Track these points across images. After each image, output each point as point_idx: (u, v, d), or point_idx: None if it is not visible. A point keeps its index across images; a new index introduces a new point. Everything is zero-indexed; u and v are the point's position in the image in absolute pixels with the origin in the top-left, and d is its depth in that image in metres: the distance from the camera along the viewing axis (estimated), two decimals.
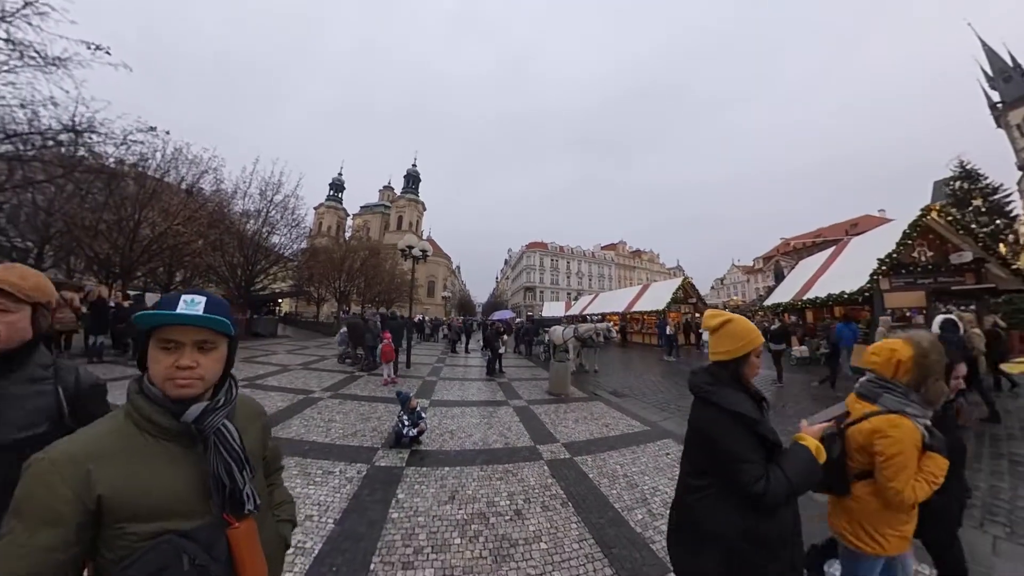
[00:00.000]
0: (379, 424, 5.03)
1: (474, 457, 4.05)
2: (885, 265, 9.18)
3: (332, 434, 4.58)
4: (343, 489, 3.28)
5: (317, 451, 4.04)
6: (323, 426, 4.86)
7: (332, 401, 6.15)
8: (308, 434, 4.54)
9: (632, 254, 75.53)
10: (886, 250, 9.36)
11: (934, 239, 9.90)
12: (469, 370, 10.72)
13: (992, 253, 9.46)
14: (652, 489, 3.45)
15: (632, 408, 6.60)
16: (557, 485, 3.44)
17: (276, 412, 5.33)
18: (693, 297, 21.18)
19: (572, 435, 4.94)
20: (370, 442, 4.38)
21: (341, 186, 66.79)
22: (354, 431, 4.73)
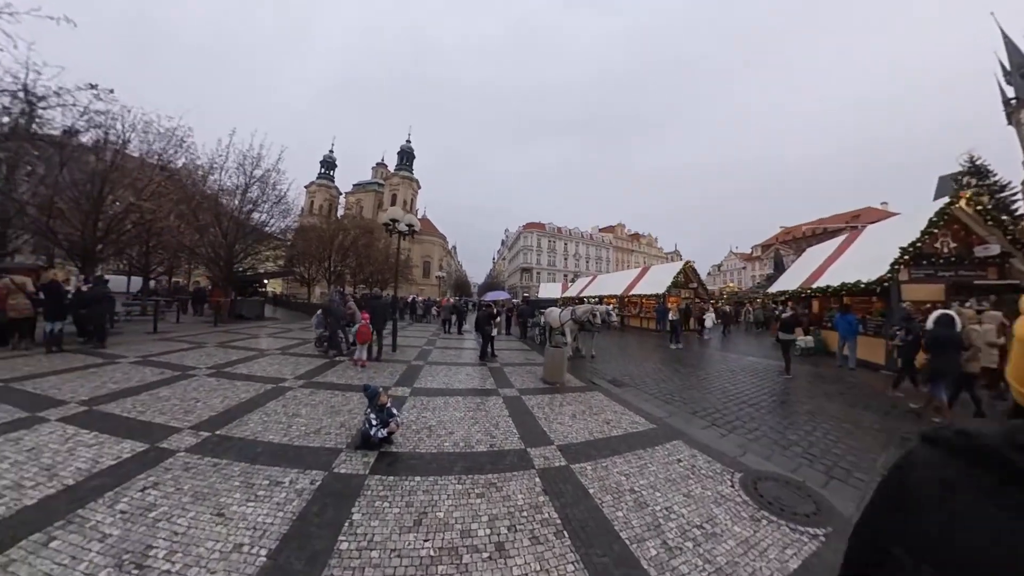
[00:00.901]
0: (349, 419, 4.40)
1: (452, 464, 3.42)
2: (908, 254, 8.54)
3: (292, 432, 3.94)
4: (288, 506, 2.65)
5: (269, 455, 3.41)
6: (284, 422, 4.22)
7: (302, 391, 5.49)
8: (265, 433, 3.89)
9: (631, 237, 74.46)
10: (907, 239, 8.72)
11: (959, 229, 9.26)
12: (460, 354, 10.08)
13: (1021, 248, 8.77)
14: (665, 511, 2.81)
15: (634, 401, 6.01)
16: (550, 505, 2.80)
17: (235, 406, 4.66)
18: (694, 282, 20.56)
19: (568, 435, 4.30)
20: (333, 442, 3.76)
21: (333, 164, 64.54)
22: (318, 428, 4.09)
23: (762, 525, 2.65)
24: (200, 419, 4.14)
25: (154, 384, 5.32)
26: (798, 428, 4.88)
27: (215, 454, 3.37)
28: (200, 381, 5.62)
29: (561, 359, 7.12)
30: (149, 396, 4.79)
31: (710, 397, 6.37)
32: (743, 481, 3.27)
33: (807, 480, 3.39)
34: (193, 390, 5.15)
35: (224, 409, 4.49)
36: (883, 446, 4.12)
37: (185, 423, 4.01)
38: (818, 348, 11.08)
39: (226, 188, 14.36)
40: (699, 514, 2.75)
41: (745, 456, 3.85)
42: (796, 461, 3.85)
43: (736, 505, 2.89)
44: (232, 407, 4.58)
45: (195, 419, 4.13)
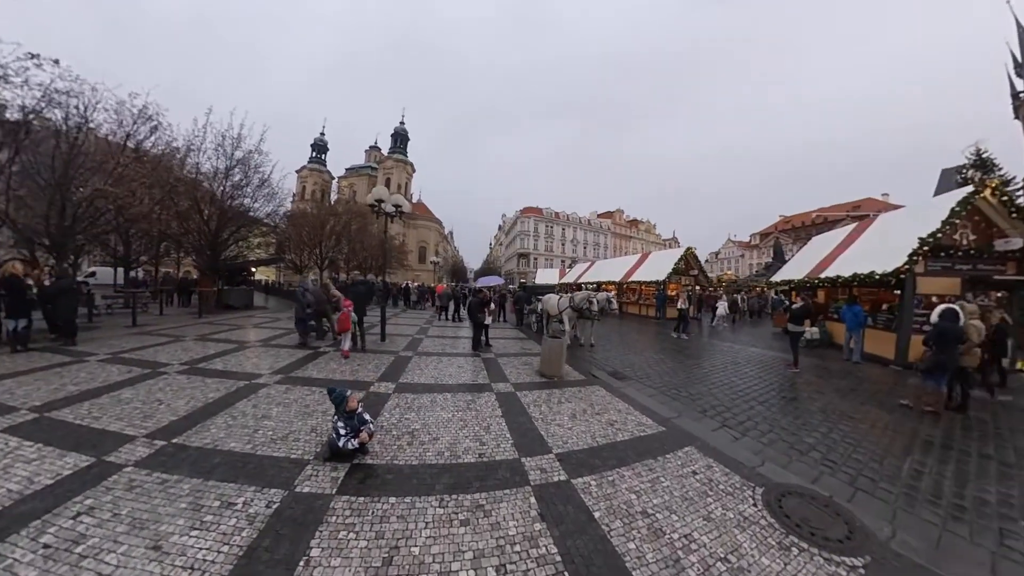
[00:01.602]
0: (322, 421, 3.99)
1: (435, 479, 3.02)
2: (927, 245, 8.07)
3: (257, 439, 3.54)
4: (238, 536, 2.26)
5: (226, 468, 3.01)
6: (251, 426, 3.81)
7: (277, 388, 5.08)
8: (226, 440, 3.49)
9: (629, 223, 73.54)
10: (925, 229, 8.24)
11: (980, 221, 8.83)
12: (453, 343, 9.68)
13: None
14: (684, 540, 2.42)
15: (638, 397, 5.65)
16: (549, 534, 2.40)
17: (201, 408, 4.24)
18: (695, 269, 20.09)
19: (568, 440, 3.89)
20: (301, 450, 3.35)
21: (324, 147, 62.61)
22: (286, 433, 3.68)
23: (793, 556, 2.32)
24: (158, 425, 3.73)
25: (118, 385, 4.88)
26: (813, 430, 4.53)
27: (166, 468, 2.97)
28: (169, 380, 5.19)
29: (559, 351, 6.72)
30: (109, 399, 4.35)
31: (718, 393, 6.02)
32: (766, 498, 2.93)
33: (833, 494, 3.06)
34: (159, 390, 4.73)
35: (188, 412, 4.07)
36: (905, 450, 3.93)
37: (141, 430, 3.59)
38: (823, 340, 10.79)
39: (205, 171, 13.58)
40: (722, 543, 2.39)
41: (764, 466, 3.50)
42: (817, 469, 3.53)
43: (762, 530, 2.54)
44: (197, 409, 4.17)
45: (153, 425, 3.72)
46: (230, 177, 13.79)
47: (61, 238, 9.04)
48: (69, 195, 8.96)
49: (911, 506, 2.97)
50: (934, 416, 5.02)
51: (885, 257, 8.72)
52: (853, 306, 8.89)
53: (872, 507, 2.93)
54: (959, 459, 3.83)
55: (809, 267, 12.02)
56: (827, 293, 12.14)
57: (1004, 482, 3.41)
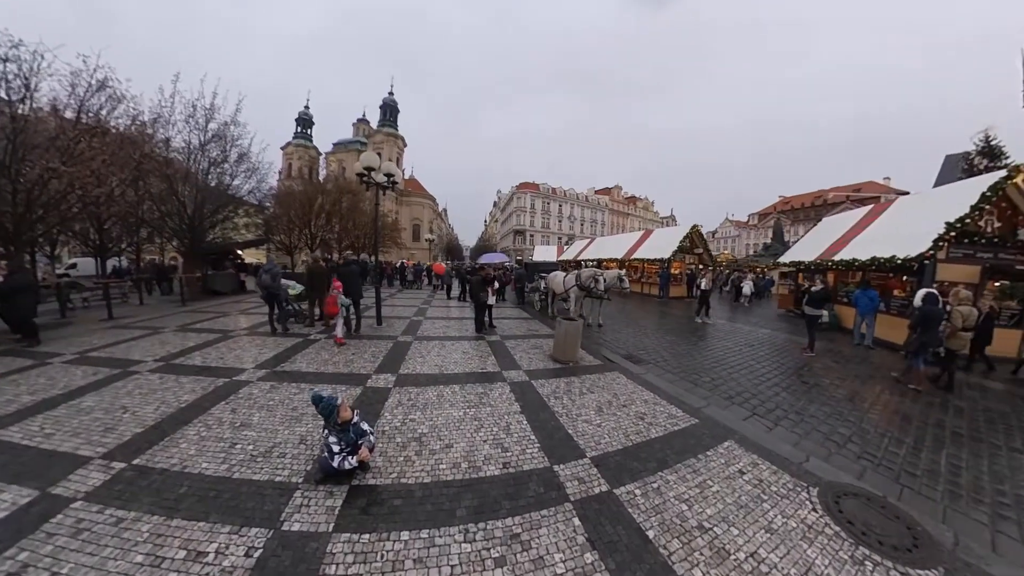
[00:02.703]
0: (313, 427, 3.42)
1: (454, 501, 2.51)
2: (954, 231, 7.70)
3: (235, 455, 2.96)
4: None
5: (196, 499, 2.45)
6: (228, 438, 3.23)
7: (261, 387, 4.47)
8: (198, 458, 2.91)
9: (627, 200, 71.80)
10: (949, 214, 7.84)
11: (1006, 208, 8.42)
12: (455, 325, 9.11)
13: None
14: (753, 559, 2.09)
15: (661, 384, 5.26)
16: (604, 568, 1.97)
17: (172, 415, 3.64)
18: (700, 247, 19.45)
19: (600, 439, 3.48)
20: (288, 469, 2.79)
21: (309, 121, 59.07)
22: (270, 447, 3.11)
23: (868, 571, 2.08)
24: (120, 440, 3.15)
25: (80, 391, 4.22)
26: (843, 419, 4.35)
27: (123, 500, 2.42)
28: (139, 381, 4.56)
29: (576, 334, 6.19)
30: (67, 410, 3.73)
31: (739, 378, 5.75)
32: (823, 500, 2.69)
33: (885, 494, 2.86)
34: (126, 395, 4.11)
35: (156, 421, 3.48)
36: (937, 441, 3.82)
37: (99, 449, 3.01)
38: (832, 323, 10.50)
39: (177, 147, 12.31)
40: (792, 560, 2.12)
41: (809, 462, 3.26)
42: (859, 464, 3.36)
43: (829, 540, 2.30)
44: (167, 417, 3.58)
45: (114, 441, 3.14)
46: (206, 153, 12.56)
47: (15, 227, 8.07)
48: (18, 177, 7.90)
49: (956, 503, 2.87)
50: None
51: (905, 241, 8.43)
52: (868, 290, 8.68)
53: (922, 506, 2.77)
54: (991, 453, 3.68)
55: (820, 249, 11.60)
56: (835, 276, 11.75)
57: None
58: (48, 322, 7.94)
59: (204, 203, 12.96)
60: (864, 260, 9.32)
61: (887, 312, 8.95)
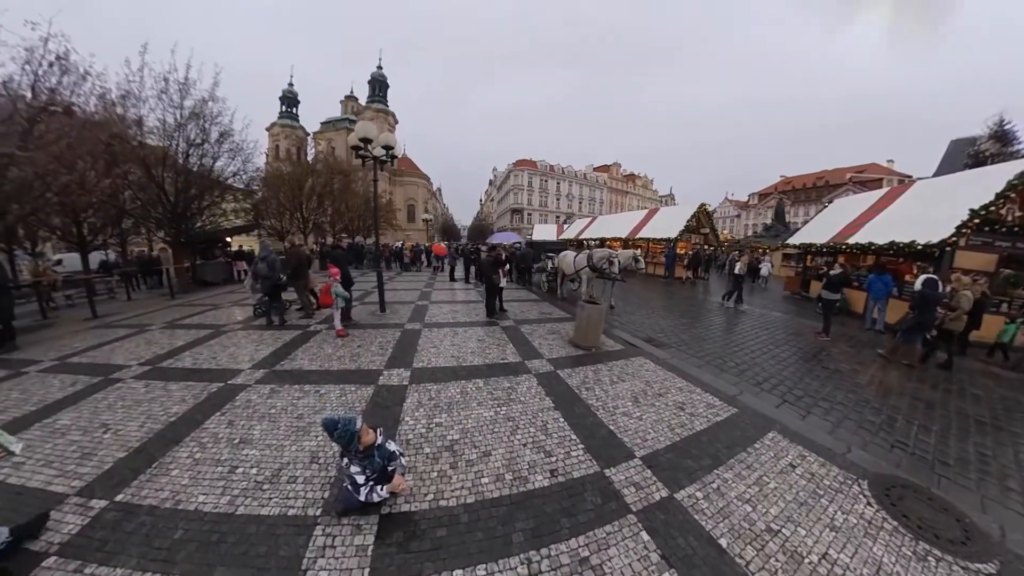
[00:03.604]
0: (325, 441, 2.93)
1: (506, 524, 2.12)
2: (978, 218, 7.39)
3: (236, 483, 2.49)
4: None
5: (194, 546, 1.99)
6: (227, 459, 2.75)
7: (260, 391, 3.94)
8: (192, 489, 2.42)
9: (626, 178, 69.80)
10: (975, 200, 7.50)
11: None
12: (463, 309, 8.61)
13: None
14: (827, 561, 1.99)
15: (689, 369, 4.97)
16: None
17: (159, 432, 3.13)
18: (706, 227, 18.83)
19: (645, 434, 3.21)
20: (302, 499, 2.32)
21: (295, 99, 55.67)
22: (277, 469, 2.63)
23: (931, 566, 2.03)
24: (100, 470, 2.66)
25: (57, 405, 3.69)
26: (869, 405, 4.22)
27: (104, 553, 1.96)
28: (123, 390, 4.03)
29: (599, 319, 5.76)
30: (41, 431, 3.20)
31: (762, 363, 5.60)
32: (874, 493, 2.62)
33: (929, 485, 2.80)
34: (107, 409, 3.60)
35: (141, 443, 2.98)
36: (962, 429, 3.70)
37: (75, 482, 2.51)
38: (842, 307, 10.21)
39: (151, 127, 11.22)
40: (862, 559, 2.04)
41: (851, 452, 3.15)
42: (895, 454, 3.27)
43: (891, 536, 2.24)
44: (154, 436, 3.07)
45: (91, 471, 2.64)
46: (183, 132, 11.48)
47: None
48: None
49: (986, 490, 2.83)
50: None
51: (925, 227, 8.11)
52: (883, 275, 8.39)
53: (962, 496, 2.72)
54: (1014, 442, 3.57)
55: (833, 231, 11.14)
56: (847, 260, 11.39)
57: None
58: (28, 325, 7.35)
59: (187, 188, 12.02)
60: (882, 244, 9.02)
61: (899, 297, 8.68)
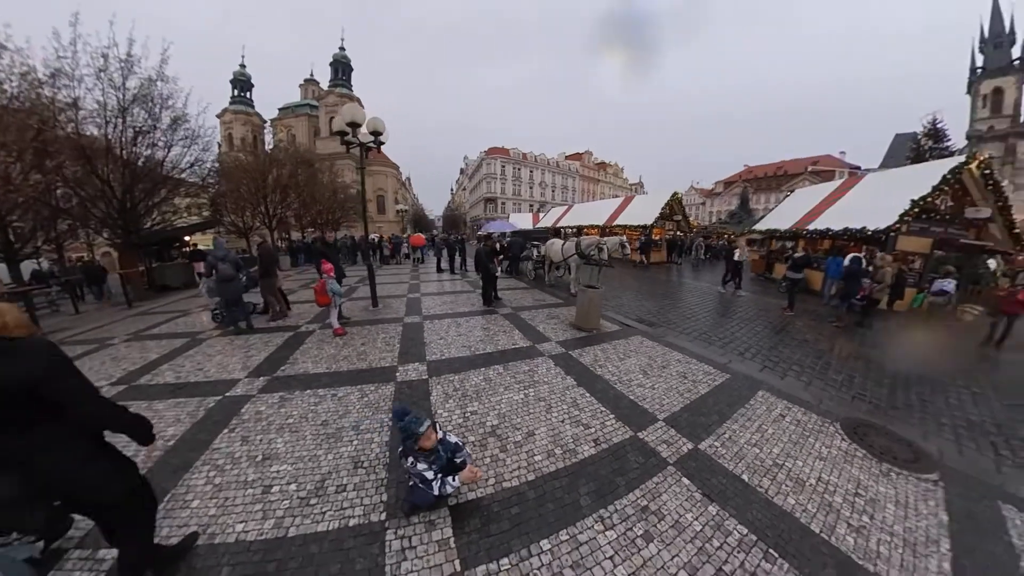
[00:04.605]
0: (362, 445, 2.79)
1: (569, 492, 2.28)
2: (917, 207, 8.41)
3: (276, 504, 2.20)
4: None
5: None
6: (255, 480, 2.41)
7: (268, 400, 3.56)
8: (224, 519, 2.08)
9: (597, 166, 70.72)
10: (915, 192, 8.55)
11: (959, 189, 9.28)
12: (457, 300, 8.55)
13: (1004, 213, 9.22)
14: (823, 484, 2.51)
15: (683, 344, 5.42)
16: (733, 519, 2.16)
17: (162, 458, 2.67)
18: (679, 214, 19.69)
19: (661, 400, 3.57)
20: (360, 507, 2.17)
21: (248, 82, 50.48)
22: (319, 480, 2.40)
23: (895, 480, 2.63)
24: None
25: None
26: (833, 367, 4.85)
27: None
28: None
29: (599, 303, 5.99)
30: None
31: (742, 336, 6.10)
32: (847, 432, 3.19)
33: (885, 423, 3.41)
34: None
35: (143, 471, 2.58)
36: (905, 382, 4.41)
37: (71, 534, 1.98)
38: (801, 286, 11.26)
39: (89, 111, 9.84)
40: (846, 479, 2.60)
41: (823, 404, 3.72)
42: (857, 403, 3.88)
43: (862, 461, 2.83)
44: (155, 465, 2.56)
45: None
46: (128, 118, 10.22)
47: None
48: None
49: (926, 425, 3.48)
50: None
51: (873, 215, 9.10)
52: (837, 258, 9.40)
53: (909, 430, 3.31)
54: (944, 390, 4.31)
55: (794, 218, 12.13)
56: (806, 244, 12.51)
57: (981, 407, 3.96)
58: None
59: (136, 182, 10.80)
60: (837, 230, 10.03)
61: None
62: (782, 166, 57.36)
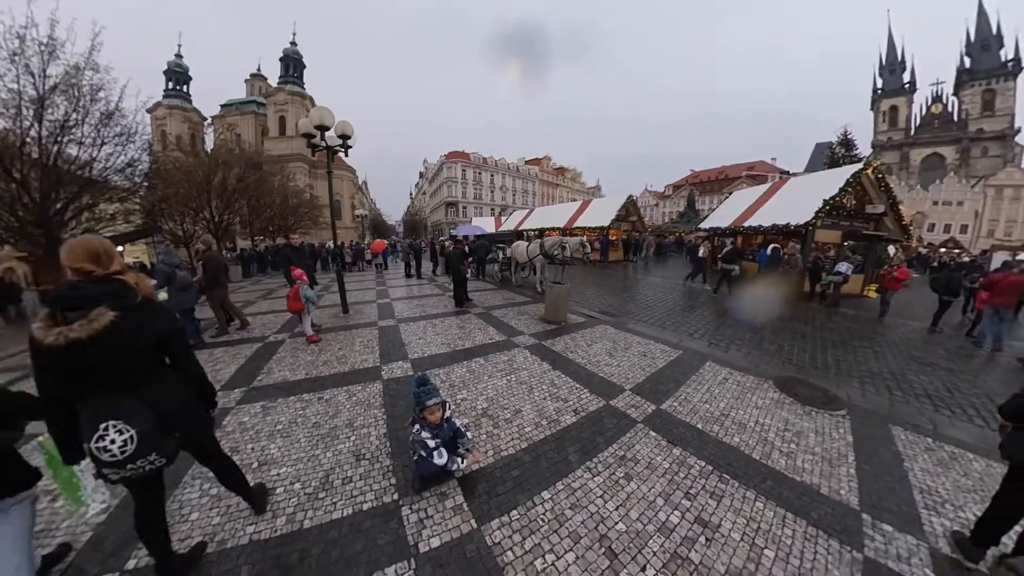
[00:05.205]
0: (361, 439, 2.86)
1: (560, 452, 2.66)
2: (828, 205, 9.96)
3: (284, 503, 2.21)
4: None
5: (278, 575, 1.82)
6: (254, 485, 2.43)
7: (250, 411, 3.39)
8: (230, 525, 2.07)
9: (556, 170, 72.96)
10: (826, 193, 10.11)
11: (859, 190, 11.09)
12: (428, 303, 8.61)
13: (895, 209, 11.23)
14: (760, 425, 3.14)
15: (642, 329, 6.09)
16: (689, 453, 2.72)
17: None
18: (634, 215, 21.13)
19: (627, 375, 4.09)
20: (371, 492, 2.26)
21: (184, 74, 44.90)
22: (323, 476, 2.43)
23: (814, 416, 3.35)
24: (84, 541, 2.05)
25: None
26: (767, 339, 5.83)
27: None
28: None
29: (565, 297, 6.48)
30: None
31: (691, 320, 6.93)
32: (778, 386, 3.91)
33: (807, 377, 4.28)
34: None
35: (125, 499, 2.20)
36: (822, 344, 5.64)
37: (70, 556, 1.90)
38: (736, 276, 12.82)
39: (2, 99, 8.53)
40: (778, 419, 3.24)
41: (759, 368, 4.46)
42: (786, 365, 4.73)
43: (790, 405, 3.53)
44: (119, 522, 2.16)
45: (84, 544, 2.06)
46: (48, 110, 8.92)
47: None
48: None
49: (838, 378, 4.38)
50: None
51: (794, 212, 10.71)
52: (763, 250, 11.21)
53: (825, 382, 4.16)
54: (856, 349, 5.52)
55: (733, 217, 13.78)
56: (743, 240, 14.22)
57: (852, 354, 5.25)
58: None
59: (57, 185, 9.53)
60: (766, 226, 11.66)
61: None
62: (723, 171, 64.00)
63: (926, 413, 3.56)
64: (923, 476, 2.57)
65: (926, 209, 43.33)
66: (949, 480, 2.54)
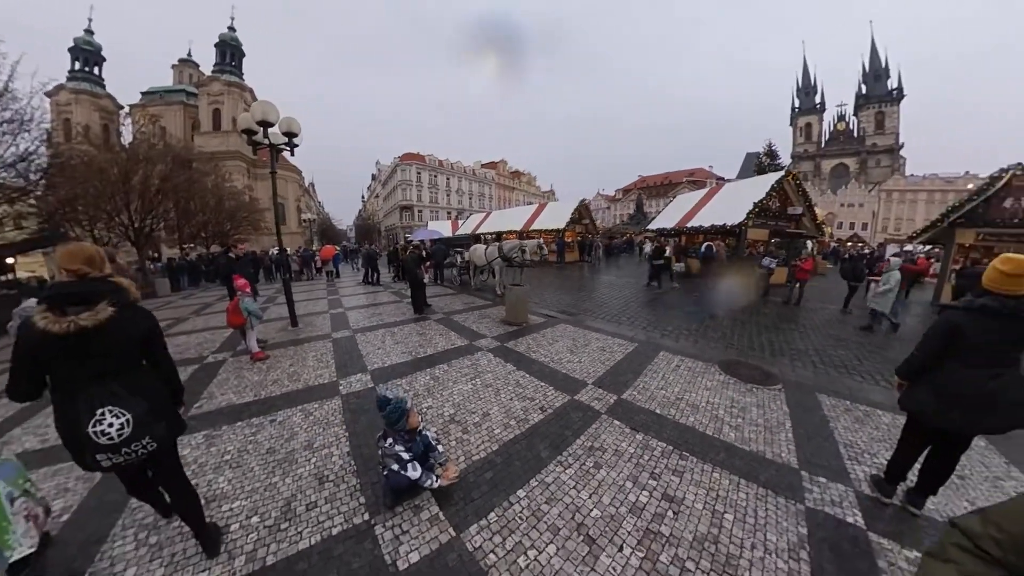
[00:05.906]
0: (321, 462, 2.64)
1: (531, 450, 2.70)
2: (757, 207, 11.38)
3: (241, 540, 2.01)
4: None
5: None
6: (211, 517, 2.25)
7: (190, 443, 2.98)
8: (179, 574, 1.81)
9: (512, 174, 73.62)
10: (755, 197, 11.55)
11: (782, 194, 12.81)
12: (385, 311, 8.25)
13: (811, 210, 13.11)
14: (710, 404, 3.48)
15: (599, 325, 6.39)
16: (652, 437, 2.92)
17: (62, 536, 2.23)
18: (587, 219, 22.03)
19: (588, 370, 4.26)
20: (339, 515, 2.13)
21: (96, 54, 37.71)
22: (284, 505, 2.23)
23: (753, 392, 3.79)
24: None
25: None
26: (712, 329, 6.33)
27: None
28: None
29: (525, 299, 6.62)
30: None
31: (644, 315, 7.37)
32: (723, 369, 4.37)
33: (747, 359, 4.81)
34: None
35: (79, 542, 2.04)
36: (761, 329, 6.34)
37: None
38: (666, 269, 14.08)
39: None
40: (725, 398, 3.61)
41: (706, 354, 4.92)
42: (728, 350, 5.18)
43: (734, 384, 3.97)
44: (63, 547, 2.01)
45: None
46: None
47: None
48: None
49: (762, 355, 4.99)
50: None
51: (730, 214, 12.06)
52: (709, 245, 12.57)
53: (762, 363, 4.65)
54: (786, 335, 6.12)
55: (677, 218, 15.11)
56: (688, 239, 15.62)
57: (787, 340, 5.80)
58: None
59: None
60: (706, 227, 13.08)
61: None
62: (668, 176, 69.87)
63: (843, 381, 4.15)
64: (845, 433, 3.01)
65: (835, 210, 53.69)
66: (865, 434, 3.00)
